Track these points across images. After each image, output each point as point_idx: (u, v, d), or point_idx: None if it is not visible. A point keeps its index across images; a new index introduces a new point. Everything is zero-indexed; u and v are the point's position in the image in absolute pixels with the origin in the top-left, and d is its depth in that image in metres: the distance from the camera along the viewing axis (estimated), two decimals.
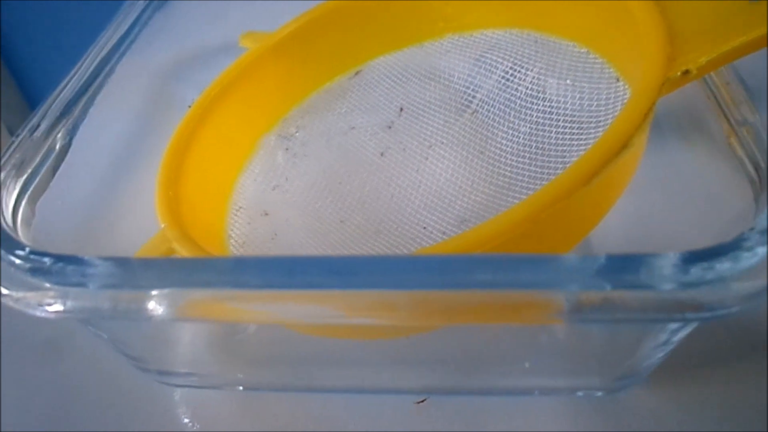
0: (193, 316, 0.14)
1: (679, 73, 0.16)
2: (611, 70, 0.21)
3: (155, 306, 0.14)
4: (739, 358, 0.20)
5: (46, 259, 0.15)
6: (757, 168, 0.15)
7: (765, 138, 0.16)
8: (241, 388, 0.21)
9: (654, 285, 0.14)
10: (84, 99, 0.19)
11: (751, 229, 0.14)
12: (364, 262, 0.13)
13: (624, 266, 0.14)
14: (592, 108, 0.21)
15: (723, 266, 0.13)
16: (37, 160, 0.17)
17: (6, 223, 0.16)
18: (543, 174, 0.21)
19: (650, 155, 0.19)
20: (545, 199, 0.15)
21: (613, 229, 0.22)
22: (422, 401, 0.20)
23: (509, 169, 0.22)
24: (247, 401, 0.21)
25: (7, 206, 0.16)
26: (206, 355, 0.22)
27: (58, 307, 0.15)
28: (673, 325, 0.17)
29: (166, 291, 0.14)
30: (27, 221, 0.16)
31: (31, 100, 0.80)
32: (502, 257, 0.14)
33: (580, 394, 0.19)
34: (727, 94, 0.17)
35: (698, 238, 0.15)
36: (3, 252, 0.15)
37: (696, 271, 0.13)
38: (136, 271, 0.15)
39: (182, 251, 0.18)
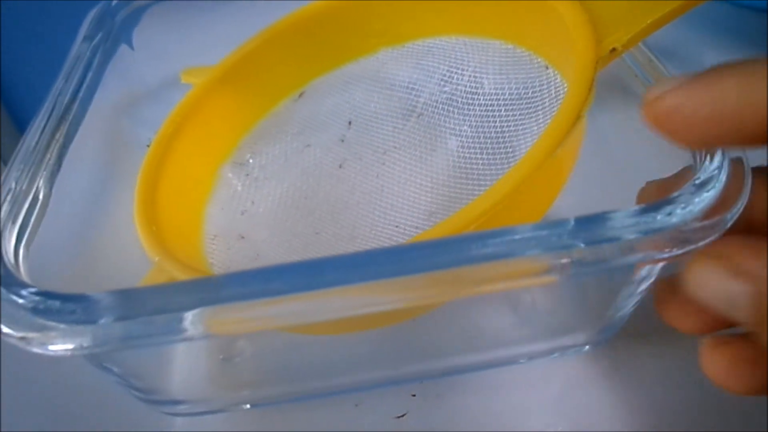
0: (219, 332, 0.15)
1: (607, 52, 0.19)
2: (539, 59, 0.23)
3: (188, 324, 0.14)
4: None
5: (55, 300, 0.16)
6: None
7: None
8: (248, 406, 0.22)
9: (620, 236, 0.16)
10: (56, 147, 0.20)
11: (697, 178, 0.16)
12: (380, 254, 0.15)
13: (591, 225, 0.16)
14: (528, 95, 0.23)
15: (679, 211, 0.16)
16: (25, 209, 0.18)
17: (11, 266, 0.16)
18: (494, 160, 0.24)
19: (589, 136, 0.21)
20: (517, 176, 0.17)
21: (567, 205, 0.24)
22: (402, 416, 0.22)
23: (463, 161, 0.24)
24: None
25: (8, 252, 0.16)
26: (206, 382, 0.23)
27: (66, 345, 0.15)
28: (641, 275, 0.19)
29: (197, 311, 0.14)
30: (27, 266, 0.17)
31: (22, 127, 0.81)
32: (490, 233, 0.16)
33: (570, 352, 0.22)
34: (652, 70, 0.20)
35: None
36: (12, 296, 0.15)
37: (655, 219, 0.16)
38: (146, 299, 0.16)
39: (184, 278, 0.18)
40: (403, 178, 0.25)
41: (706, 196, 0.15)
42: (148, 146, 0.25)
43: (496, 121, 0.24)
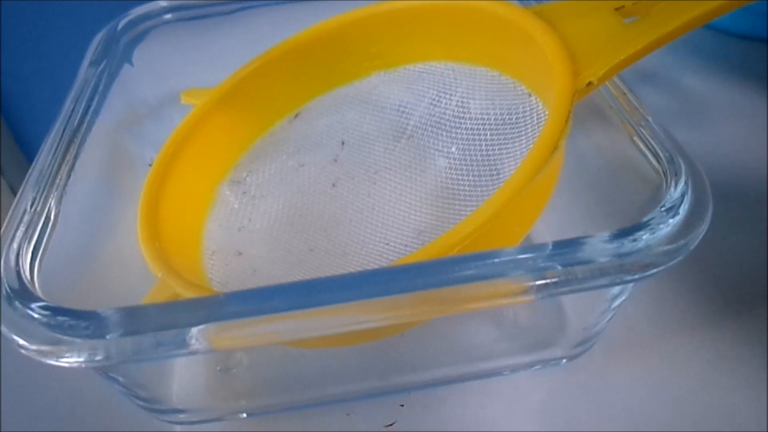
0: (221, 347, 0.16)
1: (584, 85, 0.20)
2: (523, 87, 0.25)
3: (194, 341, 0.16)
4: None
5: (67, 316, 0.17)
6: (657, 158, 0.19)
7: (661, 133, 0.20)
8: (244, 415, 0.23)
9: (593, 259, 0.17)
10: (66, 169, 0.21)
11: (663, 205, 0.17)
12: (371, 275, 0.16)
13: (567, 249, 0.17)
14: (512, 120, 0.25)
15: (646, 236, 0.17)
16: (39, 228, 0.19)
17: (28, 283, 0.17)
18: (481, 181, 0.25)
19: (569, 160, 0.22)
20: (497, 203, 0.18)
21: (549, 223, 0.26)
22: (391, 425, 0.23)
23: (450, 182, 0.26)
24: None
25: (24, 270, 0.18)
26: (204, 392, 0.24)
27: (78, 358, 0.16)
28: (613, 293, 0.21)
29: (201, 327, 0.16)
30: (40, 282, 0.18)
31: (28, 150, 0.80)
32: (473, 255, 0.17)
33: (550, 365, 0.23)
34: (624, 102, 0.21)
35: (622, 220, 0.18)
36: (29, 311, 0.16)
37: (623, 244, 0.17)
38: (153, 316, 0.17)
39: (187, 294, 0.19)
40: (393, 197, 0.26)
41: (671, 222, 0.17)
42: (151, 165, 0.26)
43: (482, 144, 0.25)
